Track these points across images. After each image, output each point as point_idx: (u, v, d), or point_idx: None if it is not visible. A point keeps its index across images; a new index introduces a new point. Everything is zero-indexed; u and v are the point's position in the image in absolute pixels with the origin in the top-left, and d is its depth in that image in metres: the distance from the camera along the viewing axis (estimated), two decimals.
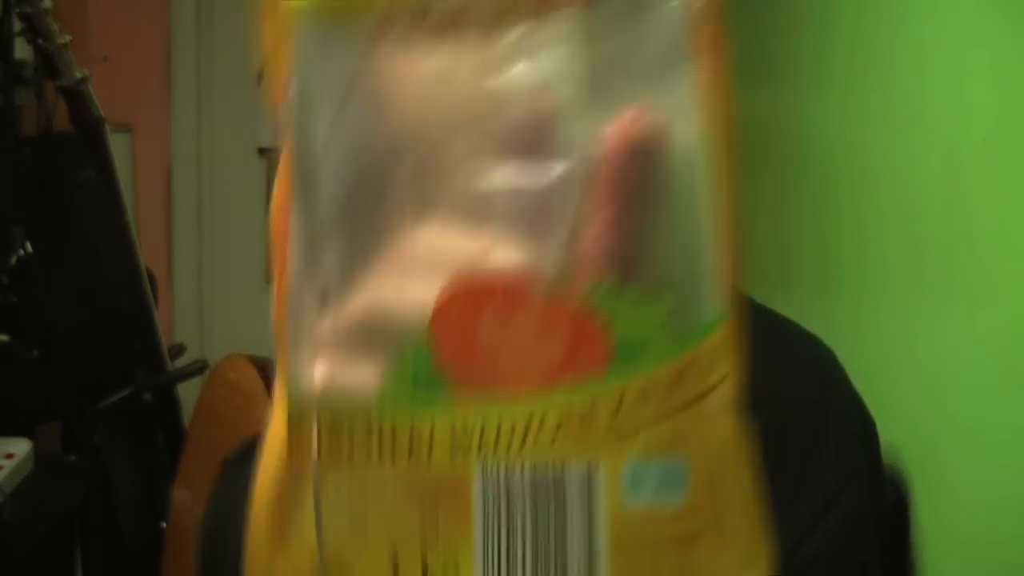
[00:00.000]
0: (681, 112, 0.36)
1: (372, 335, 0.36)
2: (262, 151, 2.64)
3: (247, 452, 0.79)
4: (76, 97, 1.74)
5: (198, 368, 2.01)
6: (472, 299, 0.34)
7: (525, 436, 0.33)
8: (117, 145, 1.83)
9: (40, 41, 1.68)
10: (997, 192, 0.73)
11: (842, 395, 0.83)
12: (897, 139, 0.94)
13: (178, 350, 2.11)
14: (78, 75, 1.72)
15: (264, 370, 0.80)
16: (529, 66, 0.35)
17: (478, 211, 0.35)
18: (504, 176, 0.35)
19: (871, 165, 1.01)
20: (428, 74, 0.39)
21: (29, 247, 1.79)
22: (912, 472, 0.87)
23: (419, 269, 0.37)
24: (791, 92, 1.34)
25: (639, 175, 0.38)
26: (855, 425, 0.83)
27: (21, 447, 1.63)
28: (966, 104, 0.79)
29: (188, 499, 0.85)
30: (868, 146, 1.02)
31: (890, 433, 0.92)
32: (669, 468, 0.34)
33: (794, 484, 0.81)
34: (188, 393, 2.15)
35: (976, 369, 0.76)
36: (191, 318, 2.67)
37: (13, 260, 1.76)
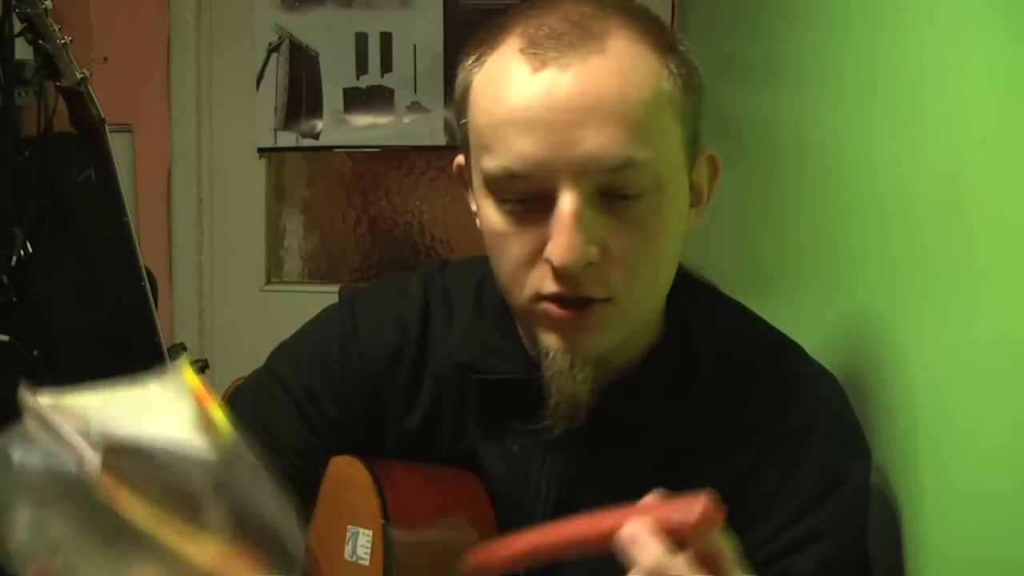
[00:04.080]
0: None
1: None
2: (262, 151, 2.64)
3: None
4: (76, 97, 1.74)
5: (198, 368, 2.00)
6: None
7: None
8: (117, 145, 1.83)
9: (40, 42, 1.68)
10: (997, 192, 0.73)
11: (833, 423, 0.86)
12: (897, 139, 0.94)
13: (178, 350, 2.11)
14: (78, 75, 1.72)
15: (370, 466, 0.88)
16: None
17: None
18: None
19: (871, 165, 1.01)
20: None
21: (29, 247, 1.79)
22: (912, 471, 0.87)
23: None
24: (791, 92, 1.34)
25: None
26: (847, 443, 0.86)
27: None
28: (966, 104, 0.79)
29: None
30: (868, 146, 1.02)
31: (891, 432, 0.92)
32: None
33: (785, 484, 0.83)
34: None
35: (976, 368, 0.76)
36: (191, 318, 2.67)
37: (13, 260, 1.76)
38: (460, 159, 0.86)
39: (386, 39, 2.57)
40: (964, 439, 0.78)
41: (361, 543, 0.85)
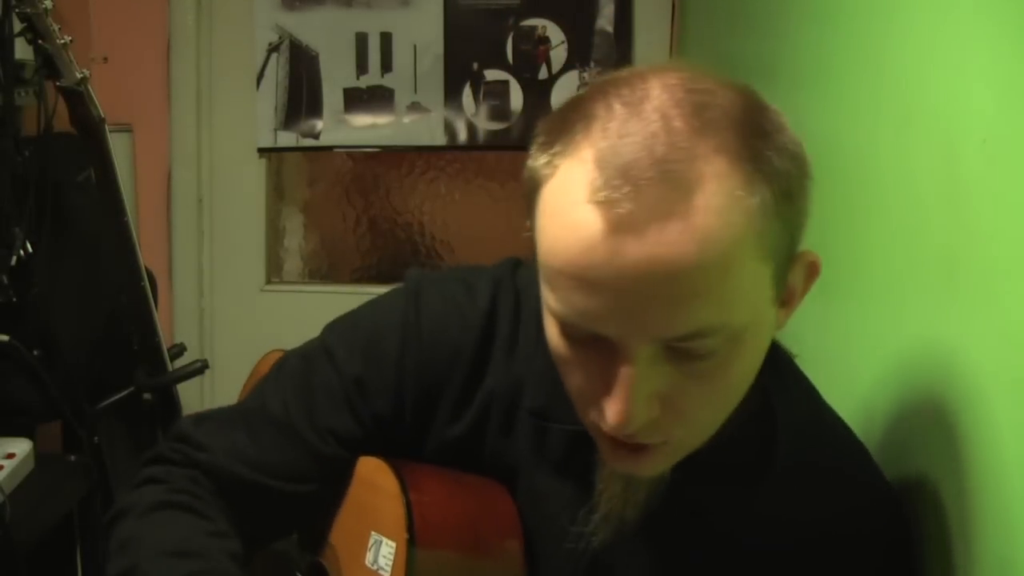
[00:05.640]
0: None
1: None
2: (262, 151, 2.64)
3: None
4: (76, 97, 1.74)
5: (198, 368, 2.01)
6: None
7: None
8: (117, 145, 1.83)
9: (40, 41, 1.68)
10: (997, 192, 0.73)
11: (901, 538, 0.84)
12: (897, 139, 0.94)
13: (178, 350, 2.11)
14: (78, 75, 1.72)
15: (398, 470, 0.86)
16: None
17: None
18: None
19: (871, 165, 1.01)
20: None
21: (29, 247, 1.79)
22: (912, 471, 0.87)
23: None
24: (790, 92, 1.34)
25: None
26: (906, 556, 0.84)
27: (21, 447, 1.63)
28: (966, 104, 0.79)
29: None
30: (868, 146, 1.02)
31: (891, 433, 0.92)
32: None
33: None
34: (188, 393, 2.15)
35: (977, 369, 0.76)
36: (191, 318, 2.67)
37: (13, 260, 1.76)
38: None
39: (386, 39, 2.57)
40: (965, 439, 0.78)
41: (383, 553, 0.84)
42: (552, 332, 0.73)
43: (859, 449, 0.86)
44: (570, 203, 0.66)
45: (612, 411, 0.68)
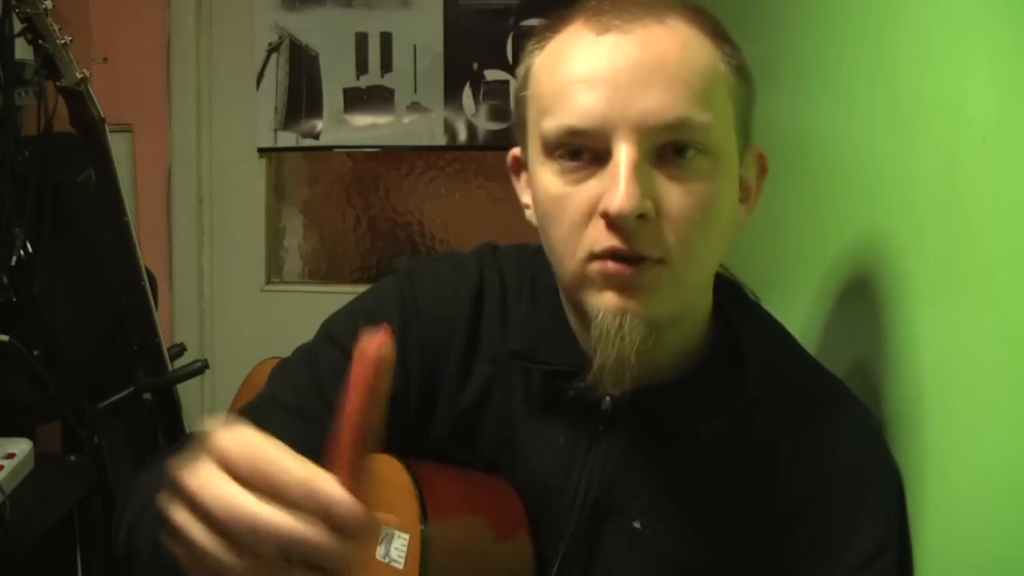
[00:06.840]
0: None
1: None
2: (262, 151, 2.64)
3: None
4: (76, 97, 1.74)
5: (198, 368, 2.00)
6: None
7: None
8: (117, 145, 1.83)
9: (40, 42, 1.68)
10: (997, 192, 0.73)
11: (881, 456, 0.86)
12: (897, 139, 0.94)
13: (178, 350, 2.11)
14: (78, 75, 1.71)
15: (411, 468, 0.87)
16: None
17: None
18: None
19: (871, 165, 1.01)
20: None
21: (29, 247, 1.79)
22: (912, 471, 0.87)
23: None
24: (791, 92, 1.34)
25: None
26: (893, 486, 0.85)
27: (21, 447, 1.63)
28: (966, 104, 0.79)
29: None
30: (868, 146, 1.02)
31: (890, 433, 0.92)
32: None
33: (840, 532, 0.83)
34: (188, 393, 2.15)
35: (977, 368, 0.76)
36: (191, 318, 2.67)
37: (13, 260, 1.76)
38: (515, 151, 0.88)
39: (386, 39, 2.57)
40: (964, 439, 0.78)
41: (396, 545, 0.84)
42: (546, 177, 0.80)
43: (827, 374, 0.91)
44: (566, 41, 0.80)
45: (612, 196, 0.74)
